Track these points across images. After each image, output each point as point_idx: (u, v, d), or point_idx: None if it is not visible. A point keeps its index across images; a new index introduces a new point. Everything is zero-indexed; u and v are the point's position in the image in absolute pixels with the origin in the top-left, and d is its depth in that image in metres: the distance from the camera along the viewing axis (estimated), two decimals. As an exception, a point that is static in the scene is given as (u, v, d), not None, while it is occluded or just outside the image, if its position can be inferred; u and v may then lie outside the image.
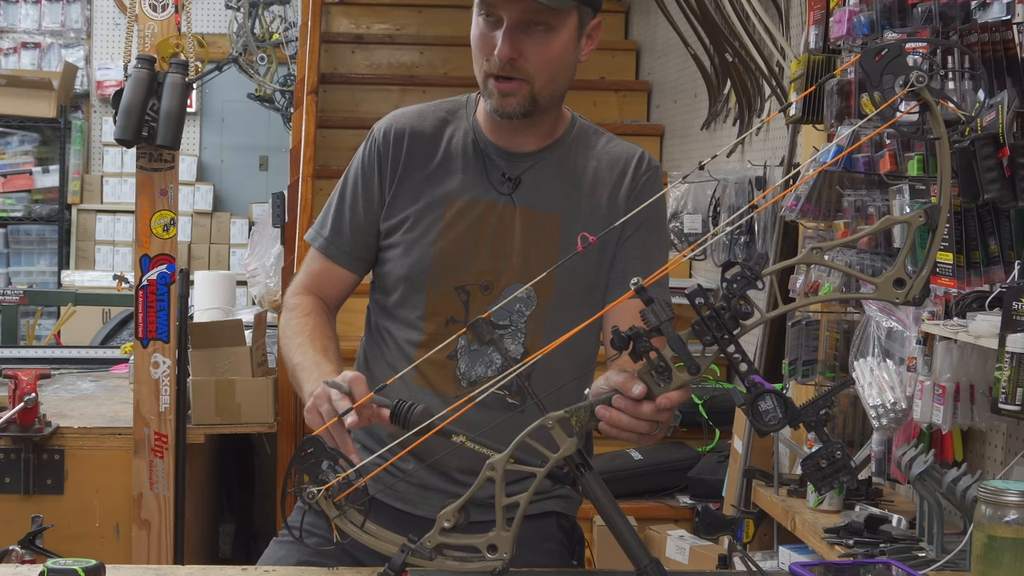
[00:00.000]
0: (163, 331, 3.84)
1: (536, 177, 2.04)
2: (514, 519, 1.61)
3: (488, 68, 1.94)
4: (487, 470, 1.61)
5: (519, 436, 1.61)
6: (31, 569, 1.79)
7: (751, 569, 1.86)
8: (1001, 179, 2.31)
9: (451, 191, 2.04)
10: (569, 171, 2.06)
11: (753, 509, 3.42)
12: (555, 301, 2.02)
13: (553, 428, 1.61)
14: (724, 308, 1.56)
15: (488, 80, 1.96)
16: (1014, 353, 2.16)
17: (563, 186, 2.04)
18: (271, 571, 1.88)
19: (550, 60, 1.93)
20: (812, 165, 3.04)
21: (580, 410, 1.62)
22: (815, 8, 3.32)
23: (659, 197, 2.02)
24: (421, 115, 2.11)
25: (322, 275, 2.15)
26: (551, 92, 1.98)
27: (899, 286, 1.58)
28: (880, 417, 2.77)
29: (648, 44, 6.22)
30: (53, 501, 3.87)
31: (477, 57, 1.97)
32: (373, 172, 2.10)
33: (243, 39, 6.94)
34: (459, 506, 1.63)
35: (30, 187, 9.26)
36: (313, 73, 5.41)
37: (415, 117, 2.11)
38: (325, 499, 1.66)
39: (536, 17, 1.90)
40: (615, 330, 1.57)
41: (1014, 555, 1.61)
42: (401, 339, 2.07)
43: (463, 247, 2.03)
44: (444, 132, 2.08)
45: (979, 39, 2.44)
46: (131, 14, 3.88)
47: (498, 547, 1.61)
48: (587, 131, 2.11)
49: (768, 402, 1.57)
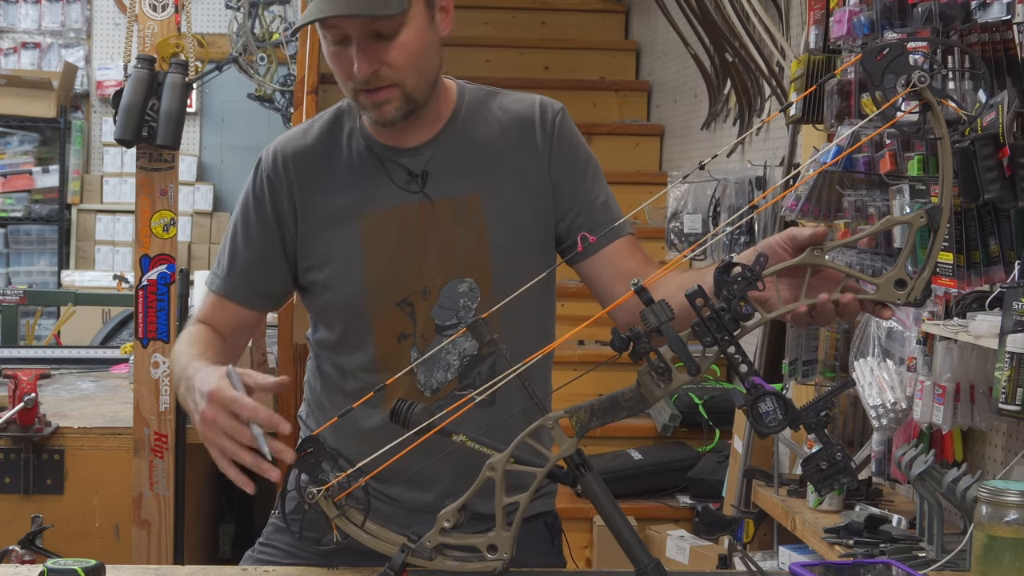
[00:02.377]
0: (163, 331, 3.84)
1: (441, 164, 1.95)
2: (513, 521, 1.61)
3: (354, 84, 1.87)
4: (487, 470, 1.61)
5: (519, 436, 1.60)
6: (31, 569, 1.79)
7: (751, 569, 1.86)
8: (1001, 179, 2.31)
9: (359, 204, 1.95)
10: (473, 146, 1.98)
11: (753, 509, 3.42)
12: (499, 283, 1.93)
13: (553, 428, 1.60)
14: (724, 309, 1.55)
15: (358, 95, 1.88)
16: (1014, 353, 2.16)
17: (472, 163, 1.96)
18: (271, 571, 1.88)
19: (411, 57, 1.85)
20: (812, 165, 3.04)
21: (579, 411, 1.62)
22: (815, 8, 3.32)
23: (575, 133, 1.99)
24: (304, 133, 2.01)
25: (215, 309, 2.05)
26: (424, 84, 1.90)
27: (900, 287, 1.58)
28: (880, 417, 2.77)
29: (648, 44, 6.22)
30: (53, 501, 3.87)
31: (339, 76, 1.88)
32: (265, 202, 2.00)
33: (243, 39, 6.94)
34: (459, 506, 1.63)
35: (30, 187, 9.26)
36: (313, 73, 5.41)
37: (298, 136, 2.01)
38: (325, 499, 1.66)
39: (380, 26, 1.82)
40: (615, 331, 1.57)
41: (1014, 555, 1.61)
42: (355, 368, 1.98)
43: (392, 260, 1.94)
44: (332, 144, 1.99)
45: (979, 39, 2.44)
46: (131, 14, 3.88)
47: (498, 547, 1.61)
48: (478, 98, 2.03)
49: (768, 404, 1.56)
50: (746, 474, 3.47)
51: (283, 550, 2.03)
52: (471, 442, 1.64)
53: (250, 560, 2.06)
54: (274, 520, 2.07)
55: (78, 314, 6.37)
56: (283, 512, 1.97)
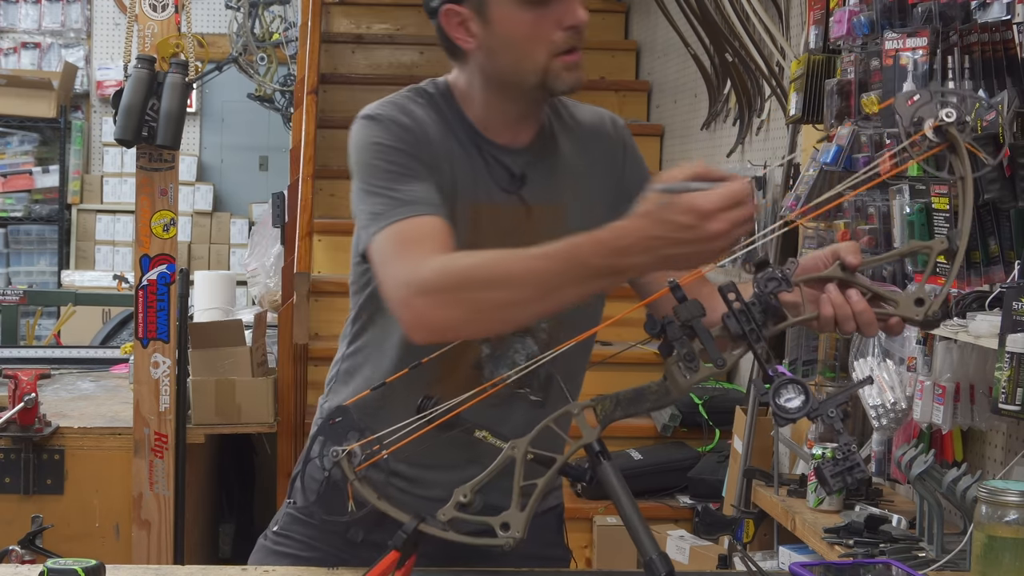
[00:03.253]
0: (163, 331, 3.85)
1: (537, 169, 1.91)
2: (528, 502, 1.61)
3: (556, 46, 1.80)
4: (508, 449, 1.62)
5: (543, 421, 1.62)
6: (31, 569, 1.79)
7: (751, 569, 1.86)
8: (1001, 179, 2.31)
9: (466, 191, 1.86)
10: (561, 154, 1.95)
11: (753, 509, 3.42)
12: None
13: (578, 415, 1.62)
14: (754, 303, 1.58)
15: (554, 60, 1.81)
16: (1014, 353, 2.16)
17: (560, 171, 1.94)
18: (271, 571, 1.88)
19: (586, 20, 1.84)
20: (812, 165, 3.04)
21: (605, 400, 1.64)
22: (815, 8, 3.32)
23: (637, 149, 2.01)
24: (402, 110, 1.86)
25: (438, 230, 1.72)
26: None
27: (920, 304, 1.63)
28: (880, 417, 2.77)
29: (648, 44, 6.22)
30: (53, 501, 3.88)
31: (533, 40, 1.80)
32: (411, 147, 1.81)
33: (243, 39, 6.94)
34: (476, 483, 1.63)
35: (30, 187, 9.26)
36: (313, 73, 5.41)
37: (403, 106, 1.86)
38: (348, 461, 1.66)
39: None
40: (650, 315, 1.59)
41: (1014, 555, 1.61)
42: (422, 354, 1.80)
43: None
44: (442, 122, 1.88)
45: (979, 39, 2.44)
46: (131, 14, 3.88)
47: (511, 525, 1.62)
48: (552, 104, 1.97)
49: (791, 391, 1.59)
50: (746, 474, 3.48)
51: (302, 541, 1.99)
52: (493, 438, 1.65)
53: (264, 550, 2.00)
54: (290, 510, 2.02)
55: (78, 314, 6.37)
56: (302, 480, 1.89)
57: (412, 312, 1.66)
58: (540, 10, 1.80)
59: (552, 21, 1.80)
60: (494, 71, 1.86)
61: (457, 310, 1.64)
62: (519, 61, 1.83)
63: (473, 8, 1.81)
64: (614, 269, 1.60)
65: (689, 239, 1.55)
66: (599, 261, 1.59)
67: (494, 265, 1.64)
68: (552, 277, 1.61)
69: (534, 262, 1.62)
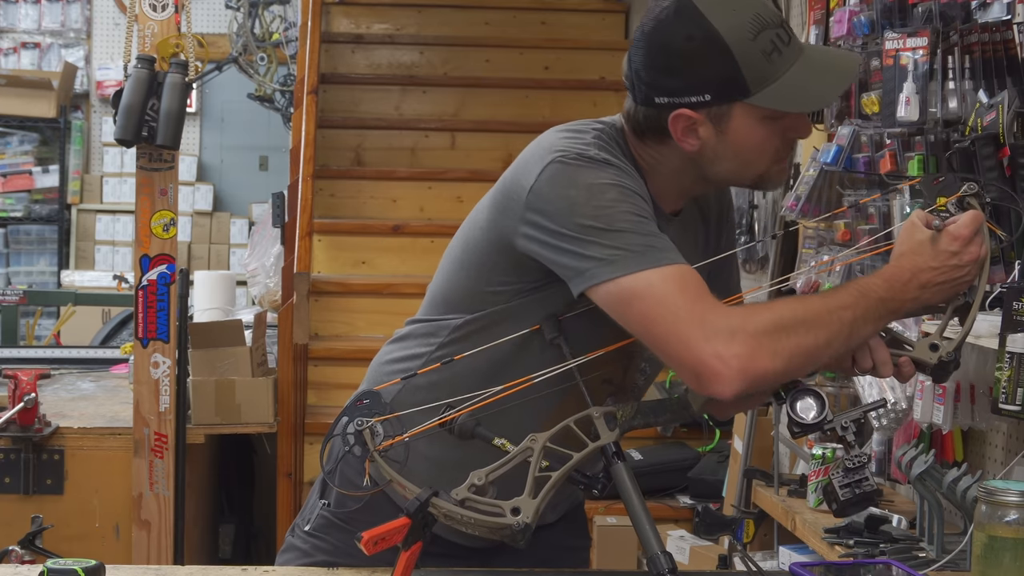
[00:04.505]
0: (163, 331, 3.85)
1: (678, 233, 1.88)
2: (541, 491, 1.62)
3: (778, 154, 1.83)
4: (528, 440, 1.64)
5: (564, 421, 1.66)
6: (31, 569, 1.79)
7: (751, 569, 1.87)
8: (1001, 179, 2.31)
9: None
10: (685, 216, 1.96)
11: (753, 509, 3.42)
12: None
13: (598, 419, 1.66)
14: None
15: (774, 166, 1.84)
16: (1014, 353, 2.16)
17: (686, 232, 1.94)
18: (271, 571, 1.88)
19: None
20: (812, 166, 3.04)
21: (628, 406, 1.68)
22: (815, 8, 3.32)
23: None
24: (613, 155, 1.82)
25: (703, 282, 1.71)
26: None
27: (934, 349, 1.70)
28: (880, 417, 2.77)
29: (648, 44, 6.21)
30: (53, 501, 3.88)
31: (760, 153, 1.81)
32: (646, 199, 1.80)
33: (243, 39, 6.95)
34: (492, 470, 1.63)
35: (30, 187, 9.26)
36: (313, 73, 5.41)
37: (611, 154, 1.82)
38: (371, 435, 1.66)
39: None
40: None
41: (1014, 555, 1.61)
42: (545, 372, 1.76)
43: None
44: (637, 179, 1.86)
45: (979, 39, 2.44)
46: (131, 14, 3.88)
47: (522, 510, 1.62)
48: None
49: (807, 402, 1.64)
50: (746, 474, 3.48)
51: (337, 547, 1.97)
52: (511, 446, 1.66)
53: (293, 550, 1.99)
54: (325, 512, 2.01)
55: (78, 314, 6.37)
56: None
57: (738, 361, 1.62)
58: (776, 123, 1.80)
59: (781, 131, 1.82)
60: (711, 171, 1.84)
61: (780, 357, 1.64)
62: (743, 168, 1.83)
63: (710, 118, 1.77)
64: (899, 303, 1.69)
65: (953, 266, 1.69)
66: (889, 295, 1.68)
67: (804, 311, 1.66)
68: (855, 317, 1.67)
69: (834, 303, 1.67)
